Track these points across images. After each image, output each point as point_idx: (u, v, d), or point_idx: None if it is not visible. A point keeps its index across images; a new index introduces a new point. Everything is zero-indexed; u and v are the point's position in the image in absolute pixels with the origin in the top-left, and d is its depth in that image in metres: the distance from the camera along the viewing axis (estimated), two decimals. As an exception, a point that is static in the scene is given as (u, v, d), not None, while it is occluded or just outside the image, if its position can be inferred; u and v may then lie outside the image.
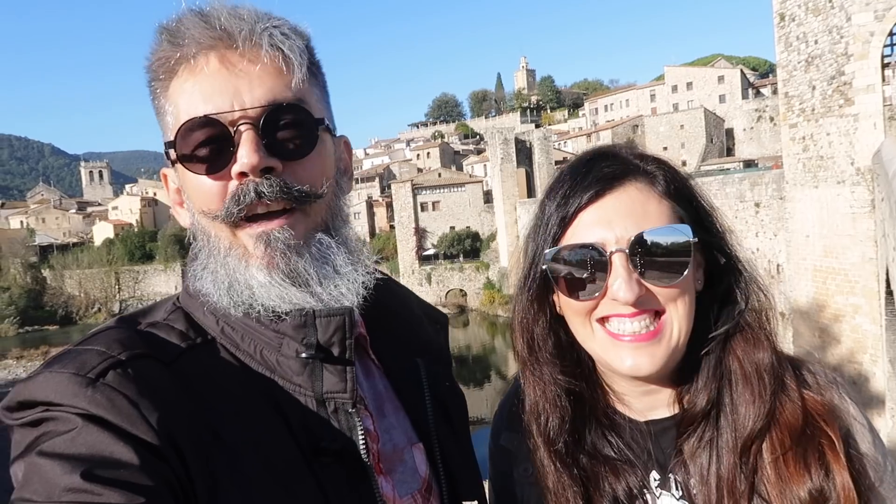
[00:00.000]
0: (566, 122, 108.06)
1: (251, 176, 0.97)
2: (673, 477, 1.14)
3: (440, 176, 70.51)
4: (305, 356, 1.02)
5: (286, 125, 1.00)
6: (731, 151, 68.29)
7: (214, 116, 0.97)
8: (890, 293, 15.52)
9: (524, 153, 57.48)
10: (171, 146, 1.01)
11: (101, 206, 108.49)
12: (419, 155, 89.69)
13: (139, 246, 78.24)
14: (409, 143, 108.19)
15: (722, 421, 1.11)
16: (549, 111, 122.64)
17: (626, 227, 1.07)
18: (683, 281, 1.08)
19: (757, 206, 25.69)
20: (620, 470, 1.16)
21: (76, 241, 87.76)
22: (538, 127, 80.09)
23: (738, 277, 1.16)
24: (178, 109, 1.00)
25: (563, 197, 1.13)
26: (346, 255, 1.08)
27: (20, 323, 68.25)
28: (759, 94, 74.64)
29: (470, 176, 72.42)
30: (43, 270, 77.61)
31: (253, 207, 0.99)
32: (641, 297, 1.07)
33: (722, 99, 72.35)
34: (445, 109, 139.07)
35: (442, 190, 65.72)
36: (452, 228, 63.60)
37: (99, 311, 73.53)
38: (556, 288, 1.15)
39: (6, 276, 75.09)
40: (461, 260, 60.66)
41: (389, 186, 72.52)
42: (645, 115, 76.65)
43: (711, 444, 1.11)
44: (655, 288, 1.08)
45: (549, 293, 1.19)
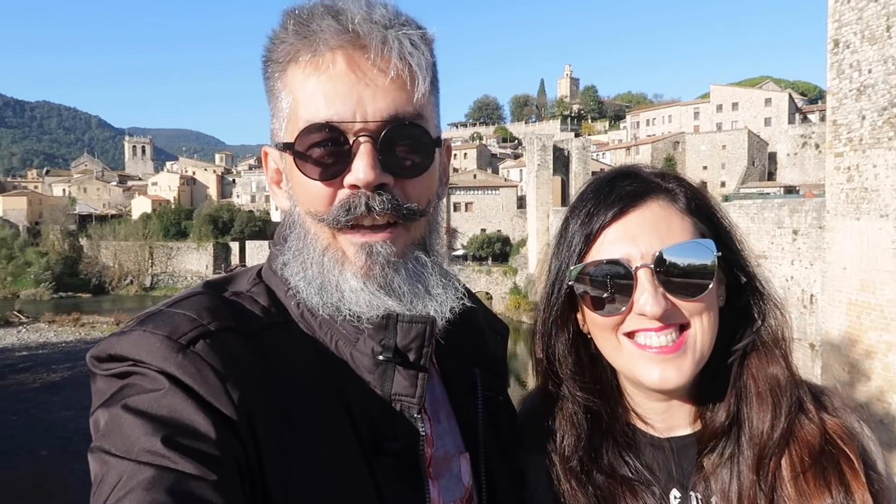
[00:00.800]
0: (606, 133, 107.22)
1: (363, 189, 0.98)
2: (694, 494, 1.15)
3: (475, 177, 70.60)
4: (382, 357, 1.02)
5: (404, 142, 0.99)
6: (772, 176, 67.04)
7: (336, 124, 0.97)
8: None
9: (561, 161, 57.13)
10: (288, 146, 1.01)
11: (141, 180, 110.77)
12: (456, 155, 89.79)
13: (174, 223, 79.62)
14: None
15: (742, 437, 1.12)
16: (589, 121, 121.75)
17: (650, 242, 1.09)
18: (707, 295, 1.10)
19: (795, 233, 25.18)
20: (638, 490, 1.16)
21: (115, 212, 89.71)
22: (578, 136, 79.64)
23: (755, 295, 1.17)
24: (296, 101, 1.00)
25: (586, 215, 1.15)
26: (439, 276, 1.08)
27: (55, 288, 69.71)
28: (806, 119, 73.10)
29: (505, 180, 72.43)
30: (80, 239, 79.39)
31: (360, 219, 0.99)
32: (667, 311, 1.08)
33: (767, 122, 71.09)
34: (486, 111, 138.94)
35: (476, 191, 65.73)
36: (483, 231, 63.58)
37: (131, 283, 75.05)
38: (581, 304, 1.17)
39: (45, 241, 77.09)
40: (489, 263, 60.50)
41: (424, 184, 72.04)
42: (687, 132, 75.67)
43: (732, 460, 1.12)
44: (680, 302, 1.09)
45: (572, 310, 1.20)
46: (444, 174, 1.15)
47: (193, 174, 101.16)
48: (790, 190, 53.67)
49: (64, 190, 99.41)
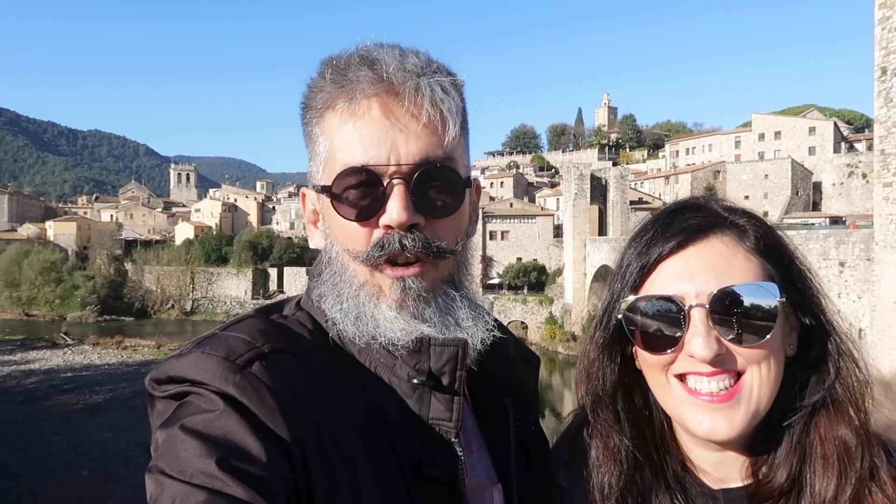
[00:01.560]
0: (645, 162, 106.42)
1: (396, 229, 1.02)
2: None
3: (512, 206, 70.46)
4: (416, 381, 1.05)
5: (435, 184, 1.03)
6: (817, 206, 65.57)
7: (371, 168, 1.01)
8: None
9: (599, 190, 56.79)
10: (325, 189, 1.05)
11: (185, 207, 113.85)
12: (492, 183, 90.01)
13: (216, 248, 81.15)
14: (483, 171, 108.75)
15: (802, 501, 1.03)
16: (627, 150, 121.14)
17: (707, 281, 1.02)
18: (767, 343, 1.02)
19: (842, 265, 24.46)
20: None
21: (159, 238, 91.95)
22: (615, 164, 79.23)
23: (830, 346, 1.07)
24: (332, 145, 1.04)
25: (644, 245, 1.09)
26: (468, 309, 1.11)
27: (100, 311, 71.54)
28: (852, 148, 71.54)
29: (542, 208, 72.11)
30: (126, 264, 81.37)
31: (394, 256, 1.03)
32: (720, 355, 1.01)
33: (812, 151, 69.75)
34: (523, 140, 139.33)
35: (512, 220, 65.61)
36: (519, 259, 63.28)
37: (172, 307, 76.50)
38: (631, 339, 1.12)
39: (92, 265, 79.23)
40: (525, 292, 60.10)
41: (460, 212, 72.22)
42: (728, 161, 74.61)
43: None
44: (736, 348, 1.01)
45: (622, 344, 1.15)
46: (473, 213, 1.17)
47: (235, 201, 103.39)
48: (836, 220, 52.37)
49: (111, 216, 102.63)
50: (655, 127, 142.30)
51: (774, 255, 1.08)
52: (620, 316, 1.10)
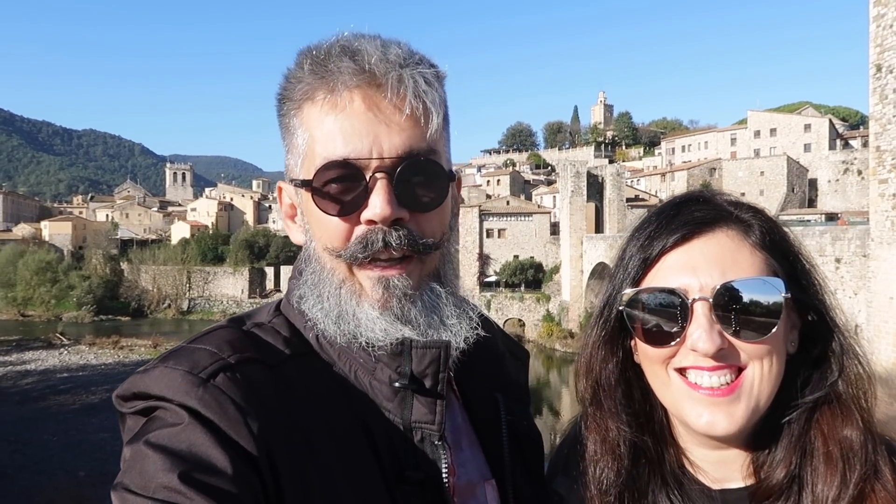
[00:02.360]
0: (641, 159, 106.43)
1: (380, 224, 0.99)
2: None
3: (508, 204, 70.43)
4: (398, 384, 1.03)
5: (419, 178, 1.01)
6: (812, 203, 65.70)
7: (353, 161, 0.98)
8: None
9: (595, 187, 56.81)
10: (305, 184, 1.02)
11: (180, 206, 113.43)
12: (489, 181, 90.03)
13: (212, 248, 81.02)
14: (480, 168, 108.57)
15: (803, 500, 1.01)
16: (623, 147, 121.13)
17: (711, 274, 1.01)
18: (771, 339, 1.01)
19: (837, 261, 24.52)
20: None
21: (154, 237, 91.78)
22: (612, 162, 79.16)
23: (833, 343, 1.06)
24: (312, 138, 1.01)
25: (647, 238, 1.08)
26: (453, 306, 1.09)
27: (96, 311, 71.33)
28: (847, 145, 71.64)
29: (538, 206, 72.14)
30: (121, 263, 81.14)
31: (378, 254, 1.00)
32: (723, 350, 1.00)
33: (807, 148, 69.85)
34: (519, 138, 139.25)
35: (509, 218, 65.56)
36: (516, 257, 63.25)
37: (169, 306, 76.38)
38: (632, 332, 1.10)
39: (88, 265, 78.97)
40: (522, 290, 60.10)
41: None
42: (724, 158, 74.72)
43: None
44: (739, 342, 1.00)
45: (622, 337, 1.13)
46: (455, 206, 1.16)
47: (231, 200, 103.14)
48: (832, 217, 52.46)
49: (107, 215, 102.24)
50: (651, 124, 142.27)
51: (779, 250, 1.06)
52: (622, 308, 1.09)
